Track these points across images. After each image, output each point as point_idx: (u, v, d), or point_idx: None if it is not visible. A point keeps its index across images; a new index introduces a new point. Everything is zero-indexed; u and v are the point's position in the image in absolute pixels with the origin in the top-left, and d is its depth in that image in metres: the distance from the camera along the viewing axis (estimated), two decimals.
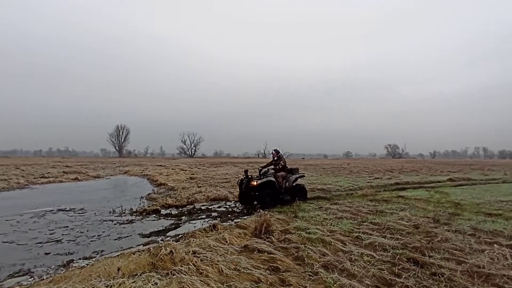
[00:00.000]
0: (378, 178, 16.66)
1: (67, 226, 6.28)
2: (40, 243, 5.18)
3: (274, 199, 7.72)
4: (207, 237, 4.73)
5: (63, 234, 5.70)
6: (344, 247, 4.26)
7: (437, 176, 17.84)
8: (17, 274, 3.78)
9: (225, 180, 15.75)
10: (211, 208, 8.23)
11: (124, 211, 7.76)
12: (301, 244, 4.31)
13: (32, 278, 3.61)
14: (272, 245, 4.32)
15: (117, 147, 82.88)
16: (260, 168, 8.48)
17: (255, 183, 7.59)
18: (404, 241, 4.49)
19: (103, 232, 5.86)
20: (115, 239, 5.39)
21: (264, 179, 7.74)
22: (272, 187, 7.81)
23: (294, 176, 8.50)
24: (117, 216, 7.27)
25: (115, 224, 6.49)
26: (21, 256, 4.51)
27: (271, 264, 3.60)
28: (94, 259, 4.26)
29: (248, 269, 3.42)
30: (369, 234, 4.91)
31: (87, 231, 5.93)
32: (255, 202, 7.84)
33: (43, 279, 3.52)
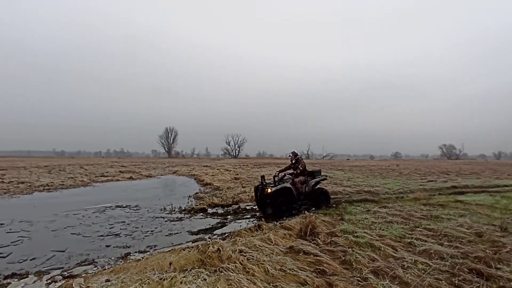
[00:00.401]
0: (432, 180, 15.45)
1: (124, 222, 6.81)
2: (101, 236, 5.68)
3: (290, 207, 7.07)
4: (253, 236, 4.80)
5: (120, 229, 6.19)
6: (395, 253, 4.03)
7: (504, 180, 16.02)
8: (83, 263, 4.20)
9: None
10: (255, 208, 8.32)
11: (174, 209, 8.19)
12: (348, 247, 4.17)
13: (96, 268, 3.97)
14: (318, 247, 4.24)
15: (166, 148, 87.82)
16: (276, 172, 7.76)
17: (269, 190, 6.87)
18: (464, 250, 4.11)
19: (155, 228, 6.24)
20: (166, 235, 5.71)
21: (279, 186, 7.02)
22: (288, 194, 7.11)
23: (314, 179, 7.76)
24: (168, 213, 7.70)
25: (166, 221, 6.88)
26: (86, 247, 5.00)
27: (317, 267, 3.54)
28: (148, 253, 4.56)
29: (294, 270, 3.40)
30: (423, 240, 4.58)
31: (142, 226, 6.37)
32: (270, 211, 7.07)
33: (105, 269, 3.85)
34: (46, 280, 3.57)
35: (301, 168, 7.65)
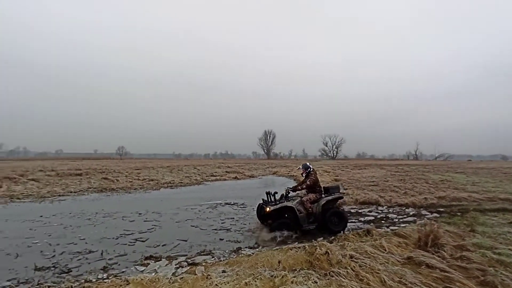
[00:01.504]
0: None
1: (233, 218, 7.36)
2: (215, 229, 6.27)
3: (293, 230, 5.79)
4: (362, 242, 4.48)
5: (231, 224, 6.71)
6: None
7: None
8: (202, 253, 4.69)
9: (372, 183, 14.76)
10: (361, 212, 7.82)
11: None
12: (488, 266, 3.44)
13: (213, 258, 4.38)
14: (444, 261, 3.64)
15: (265, 150, 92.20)
16: (286, 189, 6.48)
17: (267, 209, 5.86)
18: None
19: (261, 225, 6.51)
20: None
21: (279, 205, 5.93)
22: (291, 214, 5.95)
23: (325, 198, 6.23)
24: None
25: None
26: (203, 239, 5.58)
27: (447, 285, 3.03)
28: (257, 249, 4.78)
29: (416, 285, 2.99)
30: None
31: (249, 223, 6.75)
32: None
33: (221, 260, 4.20)
34: (175, 265, 4.11)
35: (308, 183, 6.27)
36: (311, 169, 6.48)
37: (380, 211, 7.90)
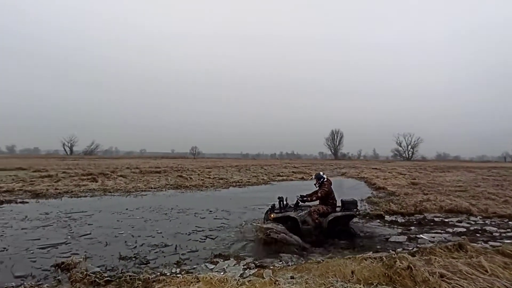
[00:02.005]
0: None
1: None
2: None
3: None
4: (453, 258, 3.84)
5: None
6: None
7: None
8: (270, 255, 4.59)
9: (458, 188, 13.01)
10: (447, 222, 6.86)
11: None
12: None
13: (281, 262, 4.25)
14: None
15: (332, 150, 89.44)
16: (297, 196, 6.14)
17: (271, 216, 5.62)
18: None
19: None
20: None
21: (281, 214, 5.64)
22: (293, 226, 5.51)
23: (333, 214, 5.70)
24: None
25: None
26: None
27: None
28: (327, 256, 4.49)
29: None
30: None
31: None
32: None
33: (289, 265, 4.06)
34: (243, 265, 4.11)
35: (319, 194, 5.87)
36: (325, 179, 6.14)
37: (472, 222, 6.82)
